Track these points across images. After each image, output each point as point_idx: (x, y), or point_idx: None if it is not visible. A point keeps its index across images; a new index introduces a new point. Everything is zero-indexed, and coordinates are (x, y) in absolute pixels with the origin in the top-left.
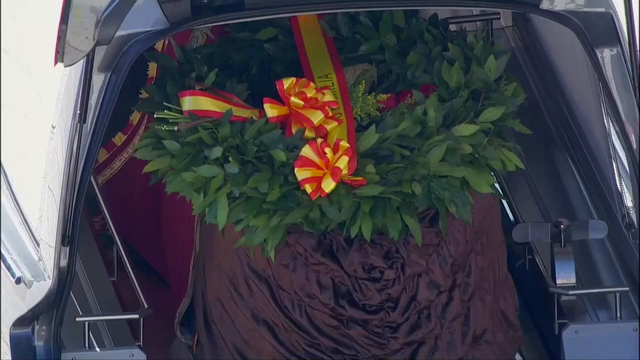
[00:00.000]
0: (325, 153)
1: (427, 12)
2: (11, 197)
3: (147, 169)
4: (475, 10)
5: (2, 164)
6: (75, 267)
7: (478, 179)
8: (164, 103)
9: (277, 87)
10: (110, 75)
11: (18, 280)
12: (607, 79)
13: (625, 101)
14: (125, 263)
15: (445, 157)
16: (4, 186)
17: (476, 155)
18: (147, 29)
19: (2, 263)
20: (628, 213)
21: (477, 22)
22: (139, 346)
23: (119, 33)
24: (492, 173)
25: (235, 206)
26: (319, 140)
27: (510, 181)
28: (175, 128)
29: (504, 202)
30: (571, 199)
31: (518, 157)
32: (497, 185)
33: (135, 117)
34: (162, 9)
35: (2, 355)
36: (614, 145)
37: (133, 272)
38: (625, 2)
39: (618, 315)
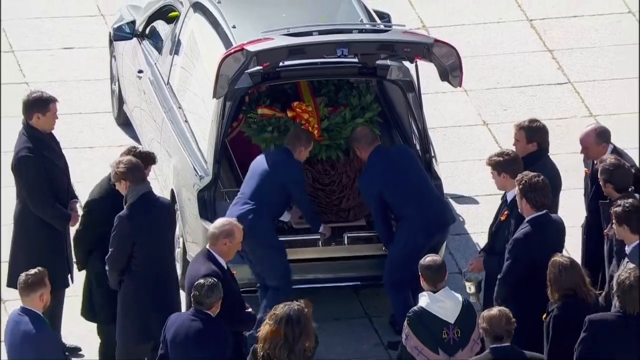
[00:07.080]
0: (309, 129)
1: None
2: (194, 141)
3: (246, 134)
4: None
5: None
6: (220, 170)
7: None
8: (251, 111)
9: (292, 105)
10: (232, 103)
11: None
12: (411, 106)
13: (416, 115)
14: (236, 167)
15: (352, 131)
16: (191, 138)
17: None
18: (244, 86)
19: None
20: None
21: (365, 80)
22: None
23: (235, 87)
24: None
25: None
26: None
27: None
28: (255, 120)
29: None
30: None
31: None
32: None
33: (241, 117)
34: (250, 78)
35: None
36: (415, 134)
37: (239, 170)
38: (416, 75)
39: None
